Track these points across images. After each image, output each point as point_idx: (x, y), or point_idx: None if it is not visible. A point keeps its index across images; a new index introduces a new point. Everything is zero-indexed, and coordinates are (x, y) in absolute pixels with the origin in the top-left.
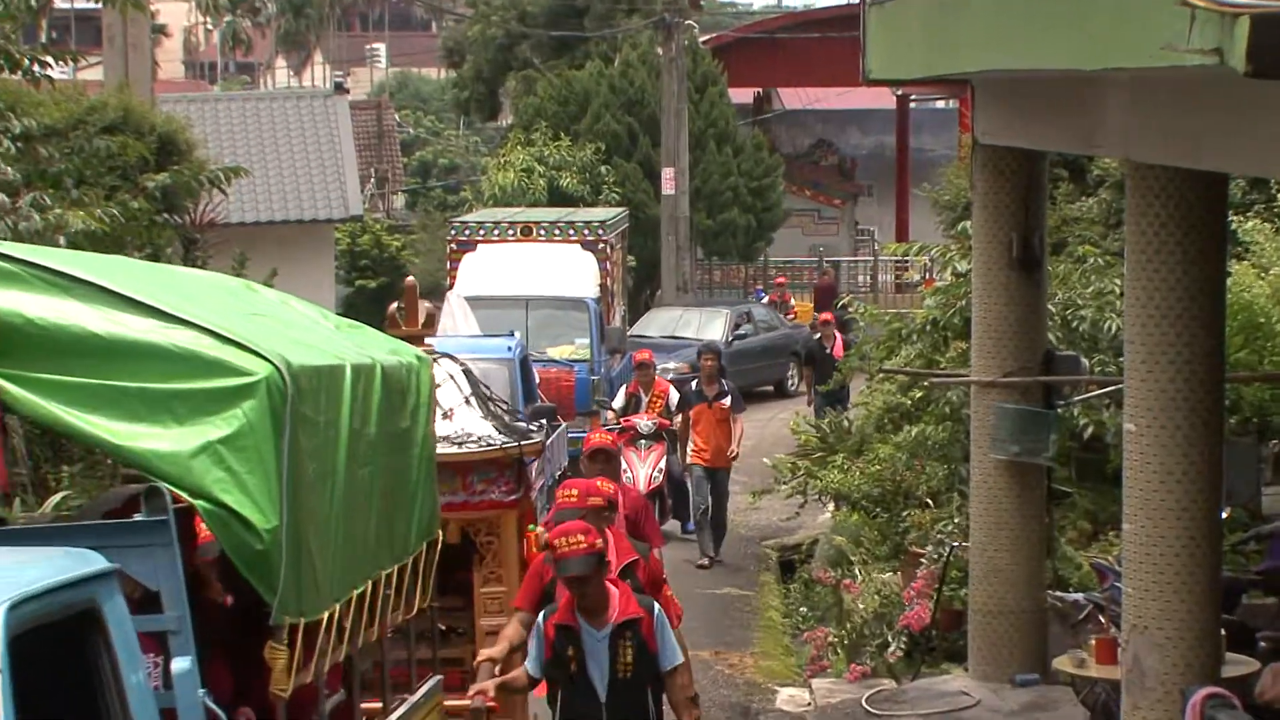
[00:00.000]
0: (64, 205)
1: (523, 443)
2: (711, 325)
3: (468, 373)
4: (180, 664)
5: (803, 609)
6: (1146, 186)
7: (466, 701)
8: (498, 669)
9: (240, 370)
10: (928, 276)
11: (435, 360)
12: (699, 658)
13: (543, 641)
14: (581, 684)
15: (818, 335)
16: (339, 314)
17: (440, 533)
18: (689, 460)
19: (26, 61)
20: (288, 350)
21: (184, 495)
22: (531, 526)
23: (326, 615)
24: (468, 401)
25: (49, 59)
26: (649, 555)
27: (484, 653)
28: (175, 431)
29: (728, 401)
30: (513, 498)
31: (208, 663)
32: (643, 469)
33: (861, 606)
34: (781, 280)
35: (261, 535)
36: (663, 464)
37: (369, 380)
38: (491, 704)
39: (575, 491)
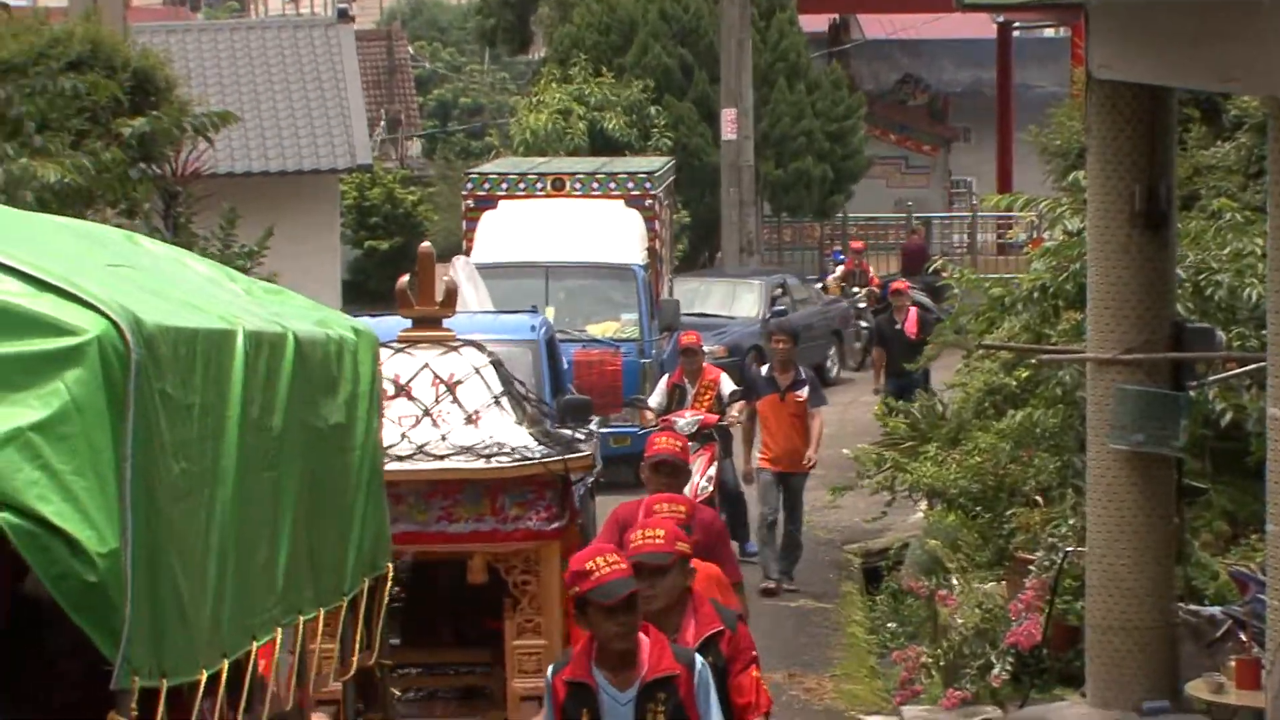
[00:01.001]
0: (27, 154)
1: (568, 456)
2: (744, 300)
3: (499, 365)
4: None
5: (891, 624)
6: None
7: None
8: None
9: (63, 328)
10: (1035, 235)
11: (457, 348)
12: (769, 679)
13: (553, 703)
14: None
15: (888, 309)
16: (345, 280)
17: (389, 567)
18: (756, 464)
19: None
20: (143, 305)
21: None
22: None
23: (205, 676)
24: (498, 402)
25: None
26: (736, 626)
27: None
28: None
29: (804, 393)
30: (555, 526)
31: None
32: (694, 476)
33: (960, 621)
34: (859, 246)
35: (94, 562)
36: (713, 471)
37: (275, 356)
38: None
39: (661, 534)
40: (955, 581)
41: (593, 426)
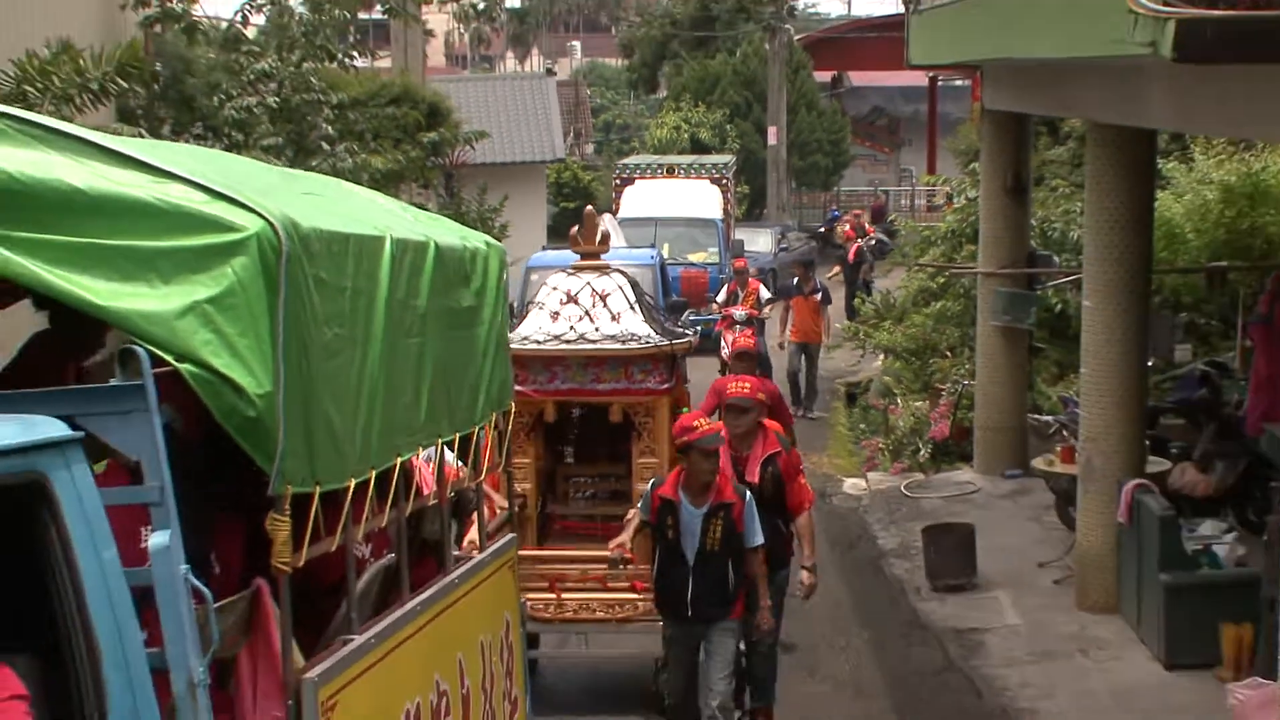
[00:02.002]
0: (366, 152)
1: (675, 342)
2: (763, 239)
3: (634, 284)
4: (158, 539)
5: (861, 425)
6: (1100, 138)
7: (608, 552)
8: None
9: (231, 226)
10: (949, 201)
11: (608, 273)
12: None
13: (650, 504)
14: (675, 549)
15: (842, 246)
16: (548, 227)
17: (512, 404)
18: (788, 337)
19: (339, 55)
20: (300, 211)
21: (169, 358)
22: (684, 409)
23: (353, 483)
24: (632, 308)
25: (354, 53)
26: (790, 449)
27: (616, 540)
28: (161, 291)
29: (818, 297)
30: (665, 386)
31: (215, 533)
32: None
33: (902, 424)
34: (855, 214)
35: (253, 400)
36: (748, 323)
37: (419, 256)
38: (629, 555)
39: (748, 385)
40: (899, 401)
41: (689, 315)
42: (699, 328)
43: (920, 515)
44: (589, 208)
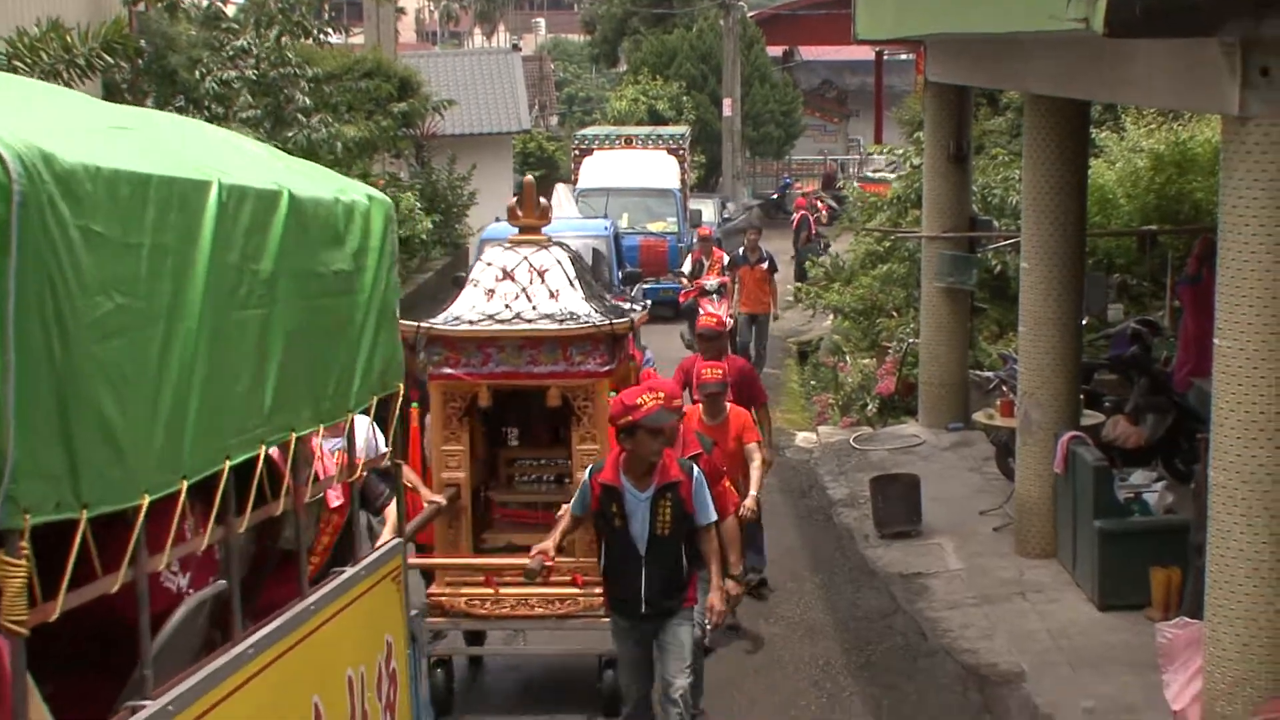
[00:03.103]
0: (340, 123)
1: (615, 321)
2: (706, 210)
3: (575, 258)
4: None
5: (813, 382)
6: (1037, 109)
7: (526, 561)
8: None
9: None
10: (894, 168)
11: (547, 247)
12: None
13: (588, 495)
14: (623, 538)
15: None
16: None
17: (399, 386)
18: (737, 309)
19: (315, 31)
20: (79, 148)
21: None
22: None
23: (147, 500)
24: (572, 284)
25: (329, 29)
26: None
27: (539, 546)
28: None
29: (765, 266)
30: (606, 368)
31: None
32: (718, 307)
33: (850, 381)
34: (801, 200)
35: None
36: (728, 309)
37: (263, 207)
38: (550, 563)
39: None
40: (848, 359)
41: (645, 287)
42: (650, 301)
43: (868, 467)
44: (527, 178)
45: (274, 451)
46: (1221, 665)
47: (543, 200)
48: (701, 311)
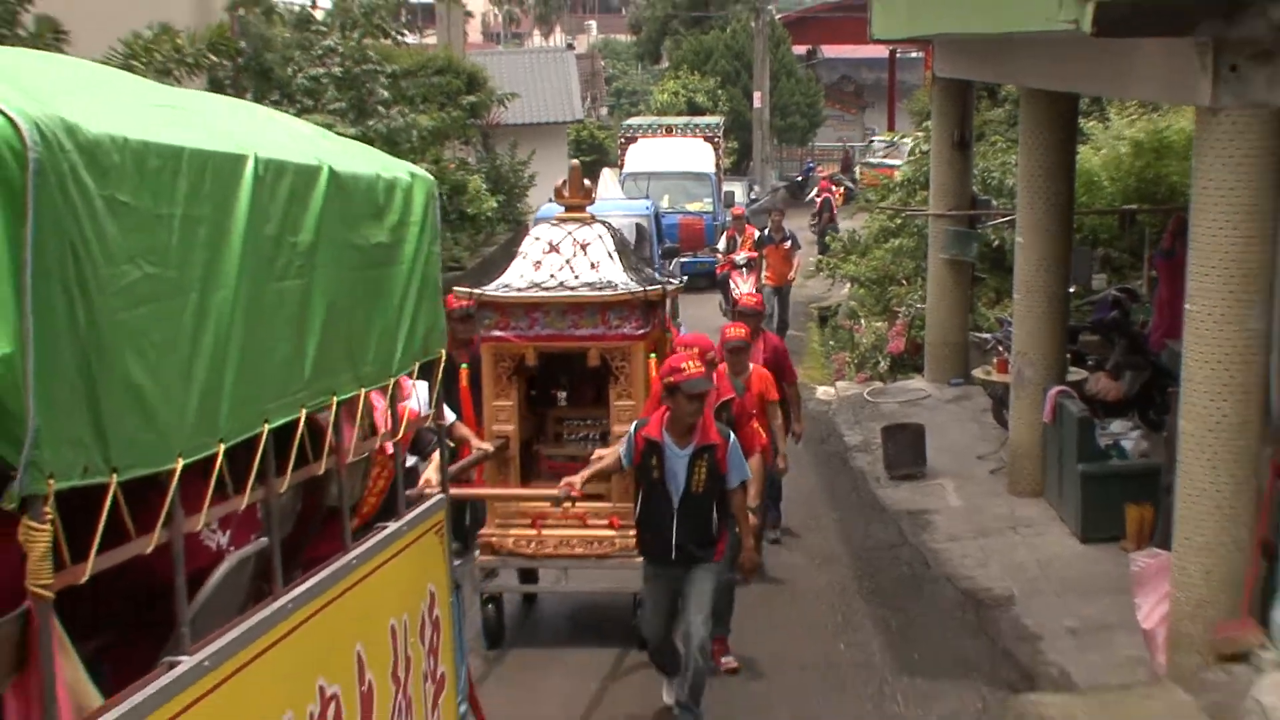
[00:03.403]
0: (416, 114)
1: (649, 288)
2: (738, 190)
3: (615, 234)
4: None
5: (831, 342)
6: (1032, 101)
7: (555, 491)
8: (588, 472)
9: None
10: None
11: (589, 223)
12: None
13: (633, 447)
14: (660, 489)
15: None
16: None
17: (442, 352)
18: (764, 281)
19: (393, 32)
20: (106, 119)
21: None
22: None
23: (181, 463)
24: (610, 257)
25: (405, 31)
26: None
27: (568, 479)
28: None
29: (789, 244)
30: (641, 331)
31: None
32: (745, 286)
33: (864, 341)
34: (825, 180)
35: None
36: (755, 282)
37: (303, 181)
38: (576, 494)
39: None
40: (863, 321)
41: (683, 260)
42: (689, 274)
43: (879, 417)
44: (574, 162)
45: (322, 415)
46: (1186, 590)
47: (587, 182)
48: (733, 284)
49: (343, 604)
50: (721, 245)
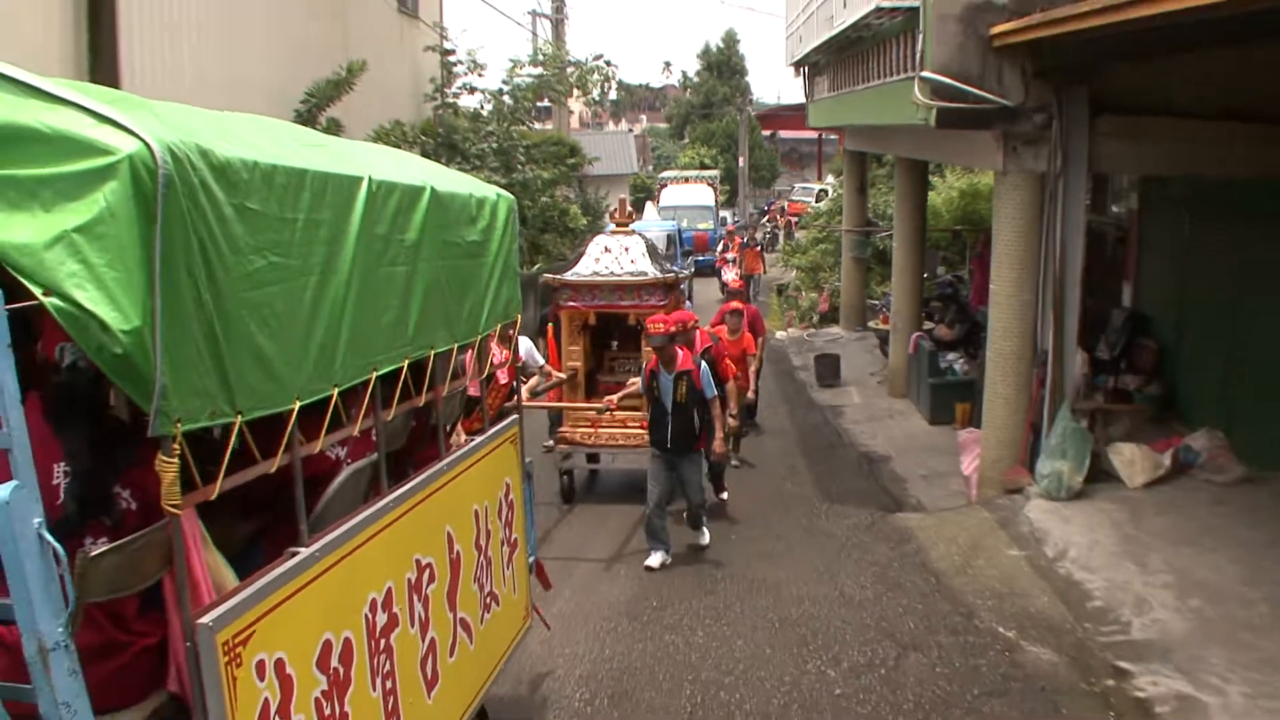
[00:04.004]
0: (540, 170)
1: (665, 274)
2: (729, 215)
3: (646, 241)
4: (1, 493)
5: (784, 305)
6: (902, 165)
7: (600, 405)
8: (622, 393)
9: (105, 149)
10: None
11: (631, 234)
12: None
13: (643, 375)
14: (659, 403)
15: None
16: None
17: (519, 316)
18: (744, 272)
19: (527, 123)
20: (245, 148)
21: (37, 292)
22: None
23: (298, 404)
24: (644, 255)
25: (534, 121)
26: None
27: (609, 397)
28: (40, 220)
29: (759, 248)
30: (662, 303)
31: (132, 465)
32: (730, 274)
33: (804, 304)
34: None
35: (118, 337)
36: (737, 273)
37: (409, 197)
38: (613, 406)
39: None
40: (803, 293)
41: (696, 259)
42: (695, 266)
43: (813, 349)
44: (621, 198)
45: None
46: (988, 451)
47: (630, 210)
48: (724, 273)
49: (436, 498)
50: (719, 249)
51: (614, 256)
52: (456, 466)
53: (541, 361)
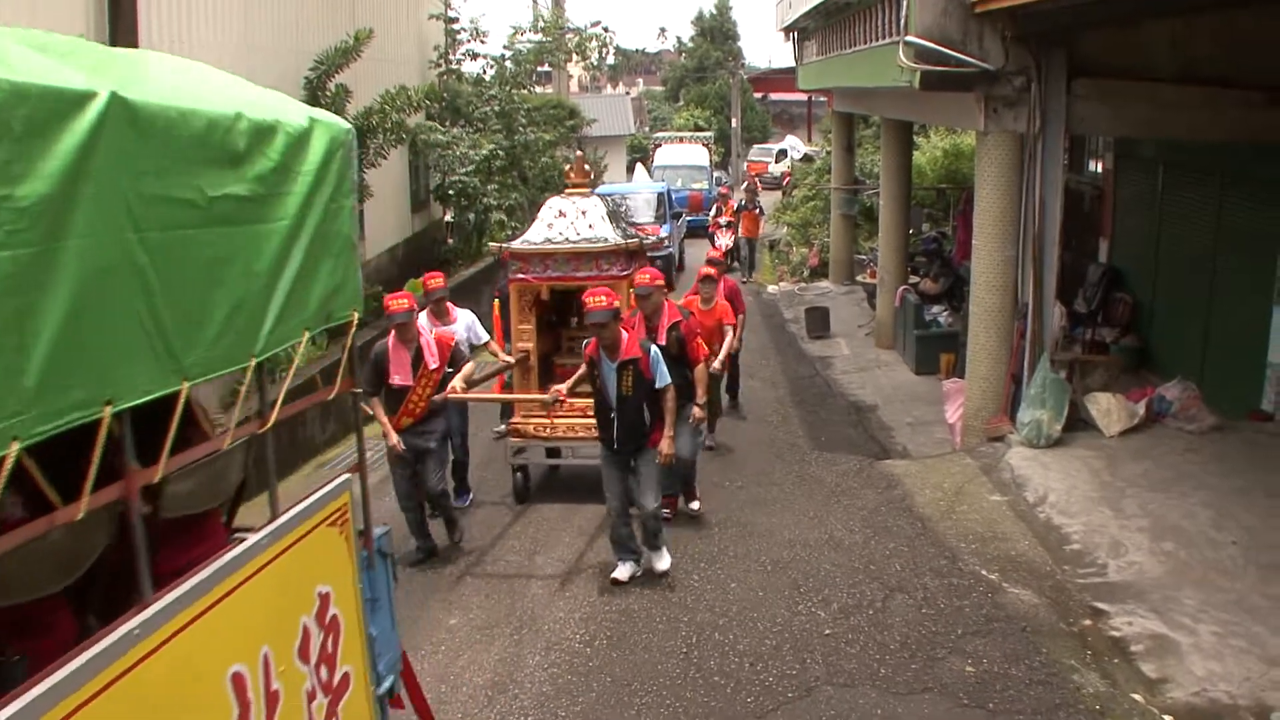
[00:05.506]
0: (540, 131)
1: (627, 240)
2: (723, 176)
3: (606, 201)
4: None
5: (777, 260)
6: (888, 125)
7: (545, 396)
8: (570, 382)
9: None
10: (815, 157)
11: (587, 195)
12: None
13: (586, 360)
14: (602, 394)
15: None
16: (626, 168)
17: (355, 314)
18: (741, 234)
19: (528, 86)
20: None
21: None
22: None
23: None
24: (603, 219)
25: (535, 85)
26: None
27: (555, 387)
28: None
29: (757, 210)
30: (624, 273)
31: None
32: (724, 239)
33: (795, 259)
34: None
35: None
36: (731, 240)
37: (47, 114)
38: (563, 398)
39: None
40: (795, 248)
41: (689, 219)
42: (686, 227)
43: (804, 302)
44: (579, 152)
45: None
46: (971, 400)
47: (587, 167)
48: (715, 236)
49: (187, 637)
50: (712, 212)
51: (569, 221)
52: (212, 591)
53: (485, 337)
